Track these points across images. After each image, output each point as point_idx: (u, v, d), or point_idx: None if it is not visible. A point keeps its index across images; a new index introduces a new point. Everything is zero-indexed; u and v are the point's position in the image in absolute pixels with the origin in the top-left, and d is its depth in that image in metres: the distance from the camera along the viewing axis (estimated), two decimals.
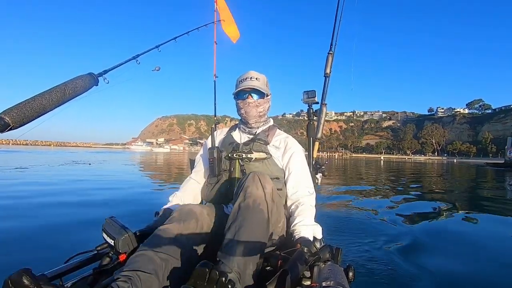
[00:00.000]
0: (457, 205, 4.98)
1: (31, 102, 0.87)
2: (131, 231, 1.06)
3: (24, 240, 2.41)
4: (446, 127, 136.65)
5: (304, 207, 1.16)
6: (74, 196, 4.59)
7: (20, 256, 2.02)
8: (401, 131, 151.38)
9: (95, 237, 1.19)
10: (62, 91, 0.92)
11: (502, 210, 4.79)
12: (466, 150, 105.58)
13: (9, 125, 0.82)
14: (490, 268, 2.16)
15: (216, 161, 1.26)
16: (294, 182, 1.24)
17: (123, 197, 4.60)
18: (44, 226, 2.78)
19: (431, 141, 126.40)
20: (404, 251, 2.39)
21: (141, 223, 1.13)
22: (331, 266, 0.83)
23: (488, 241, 2.91)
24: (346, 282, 0.76)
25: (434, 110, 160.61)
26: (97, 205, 3.93)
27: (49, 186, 5.56)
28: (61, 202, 3.98)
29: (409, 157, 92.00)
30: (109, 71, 1.00)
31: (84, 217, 3.14)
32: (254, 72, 1.32)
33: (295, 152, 1.29)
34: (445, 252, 2.49)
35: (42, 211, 3.44)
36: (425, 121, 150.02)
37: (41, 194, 4.55)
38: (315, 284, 0.75)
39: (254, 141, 1.28)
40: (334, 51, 1.90)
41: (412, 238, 2.78)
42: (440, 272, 1.99)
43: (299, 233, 1.06)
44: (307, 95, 1.68)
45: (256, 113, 1.29)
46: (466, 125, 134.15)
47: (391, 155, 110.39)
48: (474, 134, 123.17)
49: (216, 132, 1.41)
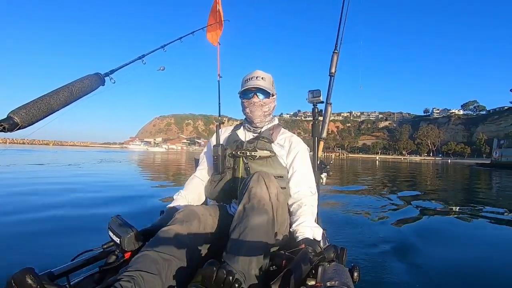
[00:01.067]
0: (451, 203, 5.24)
1: (38, 102, 0.87)
2: (137, 229, 1.07)
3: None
4: (441, 128, 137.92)
5: (306, 208, 1.17)
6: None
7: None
8: (397, 131, 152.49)
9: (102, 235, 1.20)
10: (69, 91, 0.93)
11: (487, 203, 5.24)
12: (461, 151, 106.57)
13: (18, 124, 0.83)
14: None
15: (220, 158, 1.27)
16: (297, 181, 1.25)
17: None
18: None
19: (426, 142, 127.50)
20: (405, 250, 2.43)
21: (147, 221, 1.15)
22: (336, 266, 0.82)
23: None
24: (351, 282, 0.75)
25: (430, 111, 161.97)
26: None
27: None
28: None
29: (405, 158, 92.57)
30: (115, 71, 1.01)
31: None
32: (260, 71, 1.32)
33: (299, 151, 1.30)
34: (448, 247, 2.58)
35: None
36: (421, 122, 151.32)
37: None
38: (320, 284, 0.75)
39: (259, 139, 1.29)
40: (339, 50, 1.87)
41: (411, 236, 2.83)
42: (437, 268, 2.03)
43: (302, 234, 1.06)
44: (312, 94, 1.64)
45: (261, 112, 1.30)
46: (461, 126, 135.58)
47: (387, 156, 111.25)
48: (469, 135, 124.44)
49: (221, 130, 1.41)
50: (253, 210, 0.93)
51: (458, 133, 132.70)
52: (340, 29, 1.88)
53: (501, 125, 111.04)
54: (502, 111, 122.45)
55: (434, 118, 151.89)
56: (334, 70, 1.85)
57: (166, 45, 1.24)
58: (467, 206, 5.03)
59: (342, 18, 1.89)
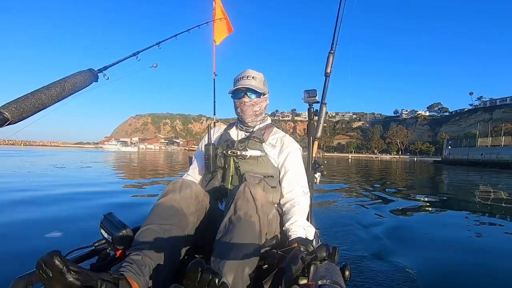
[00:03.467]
0: (424, 198, 5.65)
1: (30, 97, 0.85)
2: (129, 227, 1.06)
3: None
4: (409, 128, 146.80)
5: (298, 207, 1.18)
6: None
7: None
8: (369, 131, 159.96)
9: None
10: (62, 87, 0.91)
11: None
12: (426, 150, 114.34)
13: (8, 119, 0.80)
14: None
15: (211, 158, 1.27)
16: (289, 181, 1.26)
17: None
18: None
19: (396, 141, 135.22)
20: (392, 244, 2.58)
21: (139, 219, 1.14)
22: (327, 265, 0.83)
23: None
24: (342, 280, 0.76)
25: (399, 112, 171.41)
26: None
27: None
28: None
29: (376, 156, 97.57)
30: (109, 67, 0.99)
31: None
32: (251, 70, 1.33)
33: (291, 151, 1.31)
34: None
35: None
36: (391, 122, 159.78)
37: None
38: (312, 282, 0.76)
39: (249, 139, 1.30)
40: (335, 50, 1.86)
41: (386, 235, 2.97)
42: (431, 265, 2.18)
43: (295, 233, 1.08)
44: (308, 94, 1.61)
45: (252, 112, 1.31)
46: (427, 126, 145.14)
47: (360, 154, 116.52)
48: (434, 134, 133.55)
49: (214, 130, 1.42)
50: (239, 221, 0.91)
51: (424, 133, 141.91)
52: (336, 30, 1.89)
53: (461, 126, 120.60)
54: (463, 113, 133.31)
55: (403, 119, 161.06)
56: (330, 70, 1.84)
57: (161, 42, 1.23)
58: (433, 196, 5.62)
59: (338, 19, 1.89)
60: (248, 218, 0.92)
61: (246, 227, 0.90)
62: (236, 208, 0.94)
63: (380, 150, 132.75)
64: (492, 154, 27.41)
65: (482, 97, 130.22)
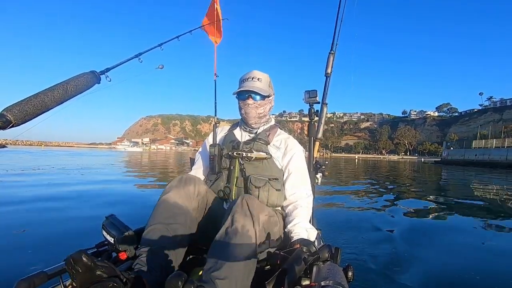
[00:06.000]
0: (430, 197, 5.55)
1: (32, 100, 0.85)
2: (131, 229, 1.06)
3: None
4: (417, 128, 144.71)
5: (301, 209, 1.18)
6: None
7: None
8: (377, 132, 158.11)
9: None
10: (64, 89, 0.91)
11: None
12: (434, 150, 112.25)
13: (11, 122, 0.80)
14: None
15: (217, 158, 1.26)
16: (292, 184, 1.26)
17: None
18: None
19: (404, 142, 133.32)
20: (396, 247, 2.53)
21: (139, 220, 1.14)
22: (330, 265, 0.82)
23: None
24: (345, 281, 0.75)
25: (408, 113, 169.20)
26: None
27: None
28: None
29: (384, 157, 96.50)
30: (111, 69, 0.99)
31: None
32: (257, 71, 1.31)
33: (295, 153, 1.31)
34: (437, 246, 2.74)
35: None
36: (399, 122, 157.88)
37: None
38: (314, 283, 0.75)
39: (255, 140, 1.29)
40: (335, 50, 1.86)
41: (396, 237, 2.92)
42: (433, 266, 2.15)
43: (297, 234, 1.07)
44: (308, 94, 1.60)
45: (255, 114, 1.29)
46: (436, 127, 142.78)
47: (368, 155, 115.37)
48: (443, 135, 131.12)
49: (218, 130, 1.41)
50: (235, 235, 0.90)
51: (433, 133, 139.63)
52: (337, 30, 1.88)
53: (470, 126, 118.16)
54: (472, 113, 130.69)
55: (411, 120, 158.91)
56: (330, 71, 1.84)
57: (163, 43, 1.23)
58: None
59: (338, 19, 1.88)
60: (245, 231, 0.91)
61: (242, 240, 0.90)
62: (233, 220, 0.93)
63: (388, 151, 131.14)
64: (484, 155, 31.47)
65: (492, 98, 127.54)
